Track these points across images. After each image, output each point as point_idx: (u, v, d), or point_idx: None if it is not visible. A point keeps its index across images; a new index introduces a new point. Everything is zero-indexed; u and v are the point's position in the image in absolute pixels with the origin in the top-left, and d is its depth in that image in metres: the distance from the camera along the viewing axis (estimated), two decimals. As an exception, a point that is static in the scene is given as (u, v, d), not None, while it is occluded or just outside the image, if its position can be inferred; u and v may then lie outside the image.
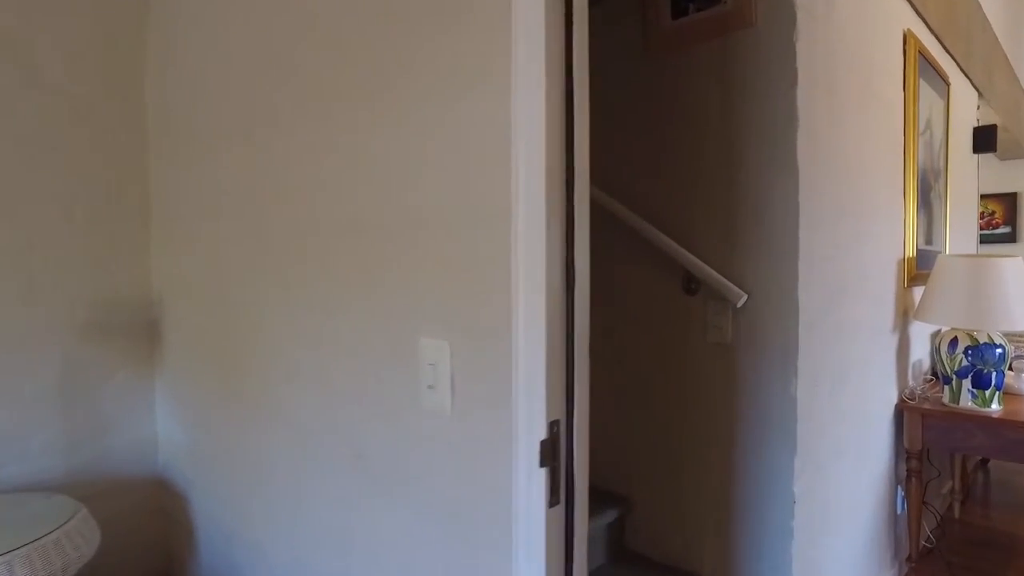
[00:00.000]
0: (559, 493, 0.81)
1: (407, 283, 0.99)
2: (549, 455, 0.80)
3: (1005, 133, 3.98)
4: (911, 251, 2.33)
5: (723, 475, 1.63)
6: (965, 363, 2.08)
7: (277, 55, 1.29)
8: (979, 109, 3.61)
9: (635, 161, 1.80)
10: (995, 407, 2.06)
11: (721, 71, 1.61)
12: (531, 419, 0.80)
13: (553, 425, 0.80)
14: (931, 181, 2.62)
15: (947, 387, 2.15)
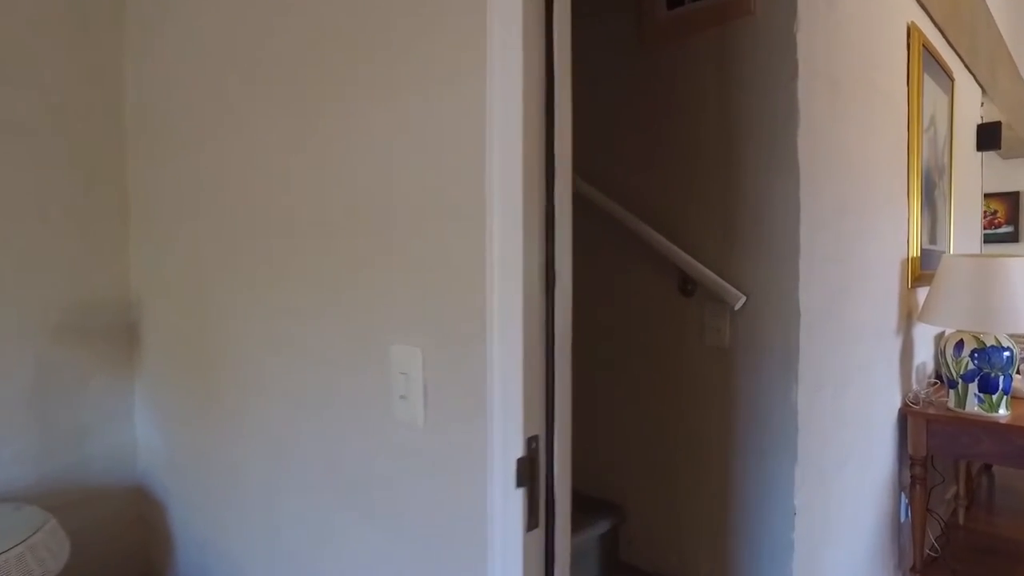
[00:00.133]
0: (538, 516, 0.74)
1: (377, 286, 0.92)
2: (527, 474, 0.73)
3: (1009, 131, 3.92)
4: (915, 251, 2.26)
5: (721, 485, 1.57)
6: (971, 366, 2.01)
7: (246, 45, 1.22)
8: (983, 106, 3.54)
9: (629, 157, 1.73)
10: (1003, 412, 2.00)
11: (718, 63, 1.54)
12: (507, 435, 0.73)
13: (531, 441, 0.73)
14: (935, 179, 2.55)
15: (952, 391, 2.08)
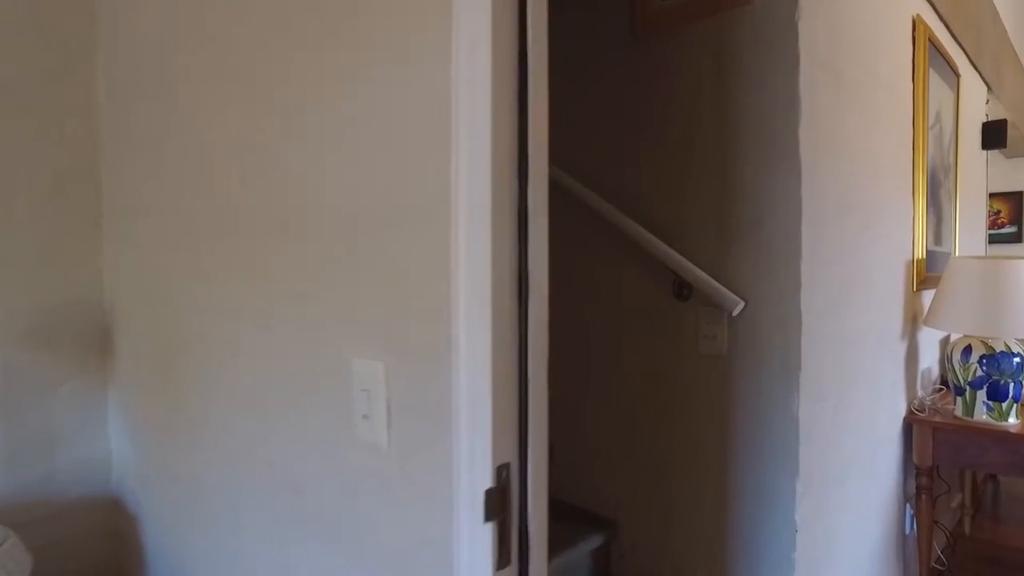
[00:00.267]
0: (509, 553, 0.66)
1: (338, 292, 0.84)
2: (497, 507, 0.65)
3: (1013, 130, 3.83)
4: (920, 252, 2.18)
5: (718, 500, 1.48)
6: (980, 373, 1.93)
7: (212, 35, 1.13)
8: (988, 104, 3.46)
9: (620, 154, 1.65)
10: (1012, 421, 1.91)
11: (715, 53, 1.46)
12: (474, 463, 0.65)
13: (502, 470, 0.65)
14: (940, 178, 2.47)
15: (960, 399, 2.00)
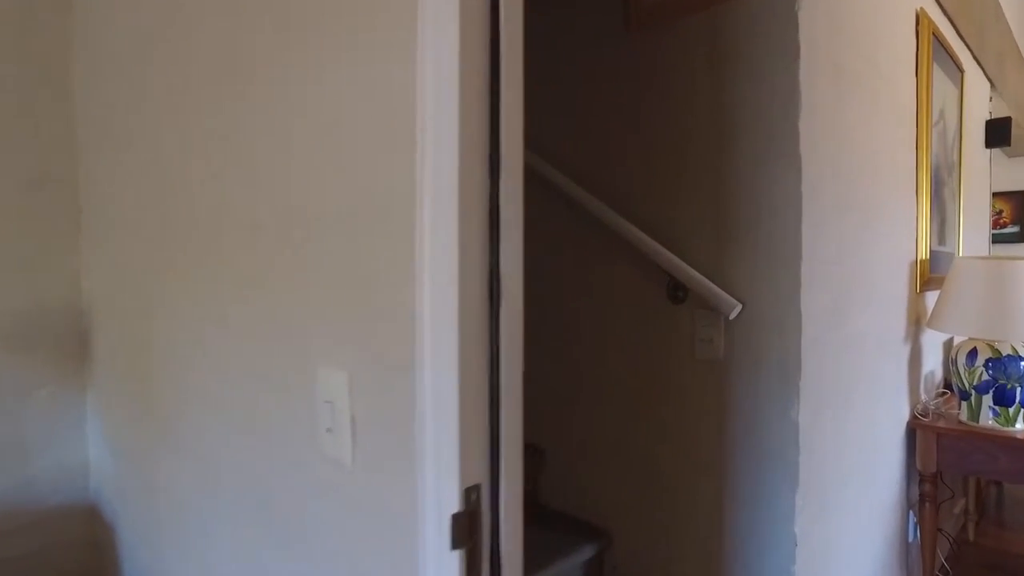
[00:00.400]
0: (479, 583, 0.60)
1: (303, 297, 0.78)
2: (465, 533, 0.59)
3: (1016, 129, 3.77)
4: (924, 252, 2.12)
5: (714, 511, 1.42)
6: (986, 377, 1.87)
7: (182, 29, 1.08)
8: (991, 101, 3.40)
9: (614, 151, 1.58)
10: (1020, 427, 1.85)
11: (711, 46, 1.40)
12: (440, 485, 0.59)
13: (471, 493, 0.59)
14: (944, 176, 2.40)
15: (965, 403, 1.94)
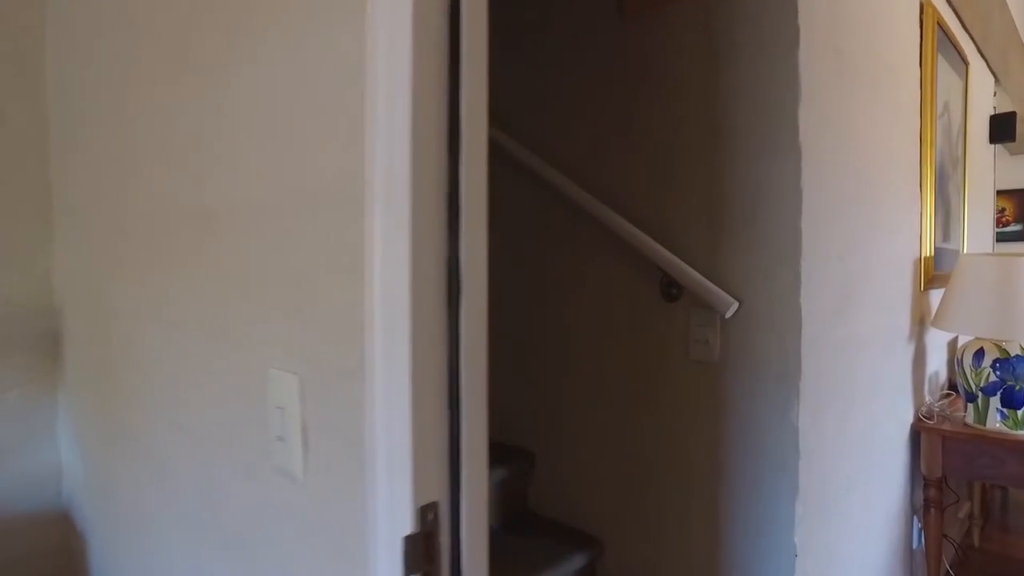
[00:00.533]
0: (437, 615, 0.53)
1: (254, 293, 0.72)
2: (421, 557, 0.52)
3: (1021, 124, 3.70)
4: (928, 249, 2.05)
5: (709, 520, 1.36)
6: (993, 378, 1.80)
7: (143, 14, 1.02)
8: (995, 96, 3.33)
9: (605, 142, 1.52)
10: (1028, 430, 1.78)
11: (705, 29, 1.33)
12: (393, 503, 0.52)
13: (427, 512, 0.53)
14: (948, 171, 2.34)
15: (971, 405, 1.87)
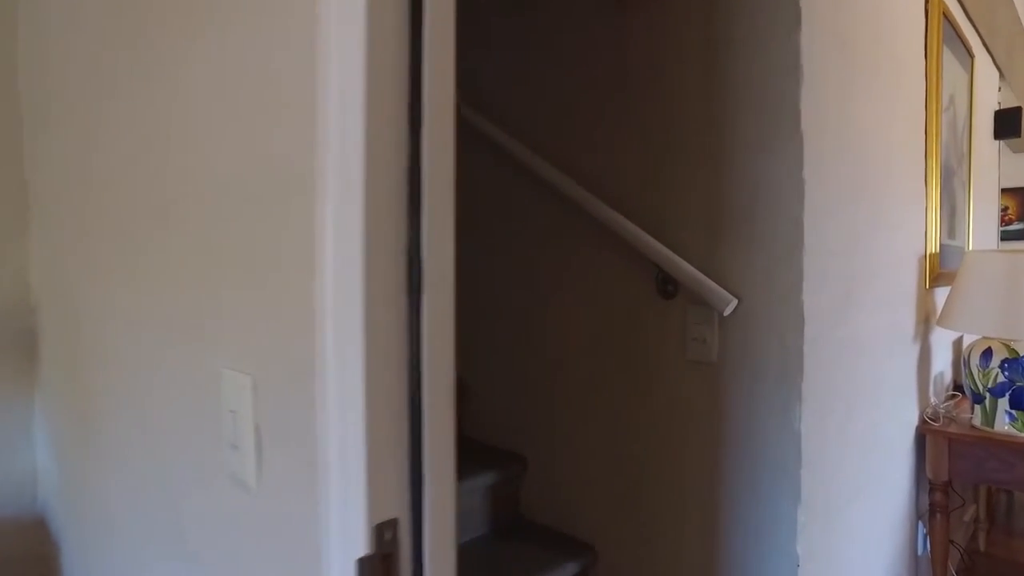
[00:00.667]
0: (396, 646, 0.48)
1: (205, 287, 0.66)
2: (378, 582, 0.47)
3: (1024, 121, 3.63)
4: (934, 246, 1.99)
5: (707, 527, 1.30)
6: (1002, 379, 1.74)
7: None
8: (1000, 91, 3.26)
9: (599, 134, 1.46)
10: (1039, 432, 1.73)
11: (704, 17, 1.27)
12: (346, 520, 0.47)
13: (384, 530, 0.47)
14: (954, 166, 2.28)
15: (978, 407, 1.81)
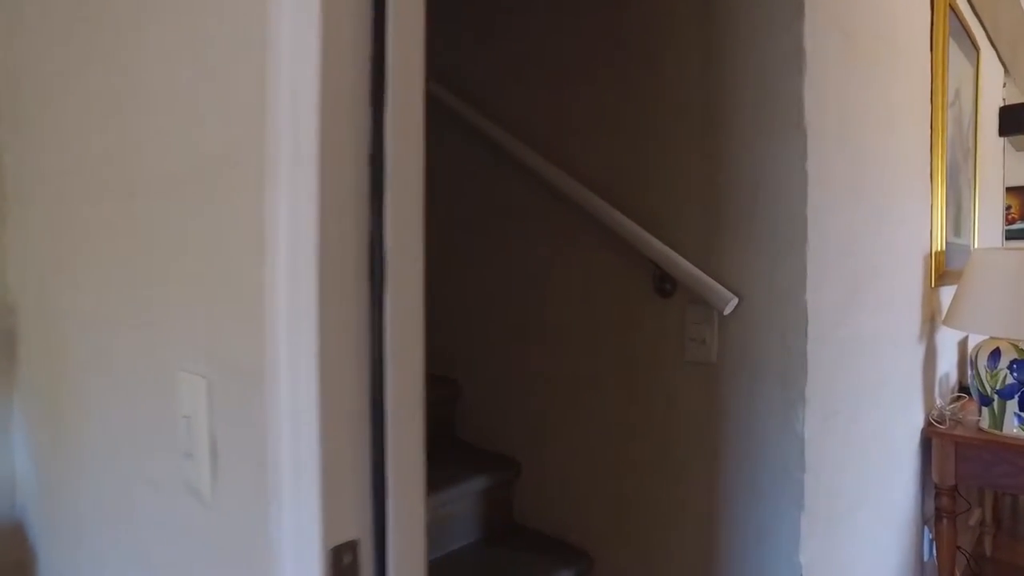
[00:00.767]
0: None
1: (164, 282, 0.61)
2: (335, 610, 0.42)
3: (1028, 119, 3.58)
4: (940, 244, 1.94)
5: (706, 535, 1.25)
6: (1010, 380, 1.69)
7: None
8: (1004, 87, 3.22)
9: (594, 125, 1.41)
10: (1049, 436, 1.68)
11: (703, 3, 1.23)
12: (300, 541, 0.42)
13: (342, 553, 0.42)
14: (959, 162, 2.23)
15: (986, 409, 1.76)
